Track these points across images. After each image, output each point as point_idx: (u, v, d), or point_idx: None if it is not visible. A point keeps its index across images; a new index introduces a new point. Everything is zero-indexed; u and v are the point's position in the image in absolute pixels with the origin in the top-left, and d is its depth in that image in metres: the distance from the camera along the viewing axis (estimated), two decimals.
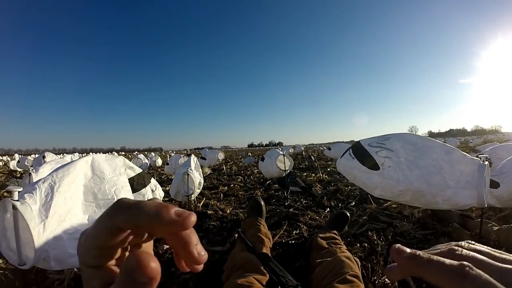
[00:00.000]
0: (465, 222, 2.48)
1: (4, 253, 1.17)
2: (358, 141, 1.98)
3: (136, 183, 1.70)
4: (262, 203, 2.59)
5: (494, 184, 2.32)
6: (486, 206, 1.57)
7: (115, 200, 1.03)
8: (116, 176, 1.58)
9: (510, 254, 0.30)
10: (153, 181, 1.90)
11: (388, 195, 1.79)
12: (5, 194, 5.02)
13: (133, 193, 1.62)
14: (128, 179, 1.65)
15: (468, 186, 1.56)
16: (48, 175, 1.30)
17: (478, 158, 1.62)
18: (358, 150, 1.91)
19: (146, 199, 1.54)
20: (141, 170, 1.81)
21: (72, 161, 1.48)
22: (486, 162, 1.59)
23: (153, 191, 1.85)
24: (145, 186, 1.77)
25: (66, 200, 1.27)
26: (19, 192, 1.13)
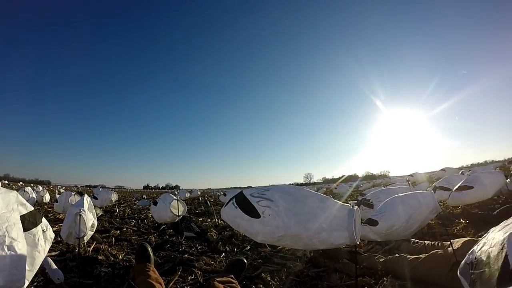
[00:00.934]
0: (352, 257, 2.72)
1: None
2: (241, 192, 2.08)
3: (28, 222, 1.49)
4: (149, 248, 2.54)
5: (373, 222, 2.62)
6: (357, 242, 1.76)
7: (6, 237, 1.19)
8: (9, 212, 1.40)
9: None
10: (44, 220, 1.68)
11: (269, 240, 1.90)
12: None
13: (24, 231, 1.44)
14: (20, 216, 1.45)
15: (340, 228, 1.74)
16: None
17: (349, 204, 1.83)
18: (241, 200, 2.00)
19: (36, 239, 1.28)
20: (32, 208, 1.60)
21: None
22: (356, 207, 1.79)
23: (44, 231, 1.63)
24: (36, 225, 1.56)
25: None
26: None
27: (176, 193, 4.52)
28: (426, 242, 2.74)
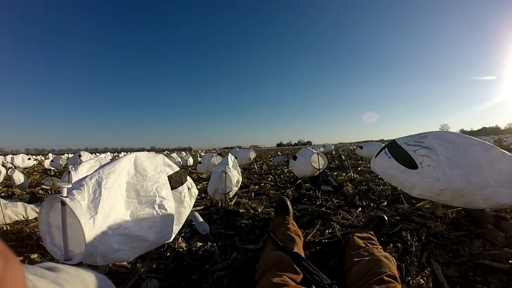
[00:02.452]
0: (499, 223, 2.32)
1: (48, 248, 1.22)
2: (394, 140, 1.94)
3: (174, 181, 1.73)
4: (288, 202, 2.56)
5: None
6: None
7: (157, 196, 1.22)
8: (158, 174, 1.63)
9: None
10: (189, 179, 1.92)
11: (427, 195, 1.75)
12: (40, 191, 5.34)
13: (172, 190, 1.67)
14: (168, 176, 1.69)
15: (508, 184, 1.51)
16: (94, 172, 1.37)
17: None
18: (395, 149, 1.87)
19: (182, 196, 1.58)
20: (178, 168, 1.85)
21: (116, 159, 1.55)
22: None
23: (189, 188, 1.87)
24: (182, 184, 1.80)
25: (111, 196, 1.33)
26: (67, 188, 1.19)
27: (312, 147, 4.54)
28: None
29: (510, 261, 1.74)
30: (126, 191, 1.46)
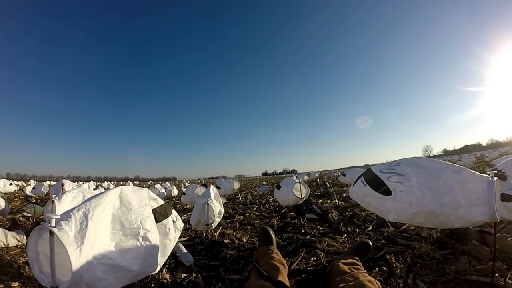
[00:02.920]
0: (483, 238, 2.44)
1: (36, 275, 1.25)
2: (369, 168, 2.03)
3: (159, 214, 1.76)
4: (271, 231, 2.60)
5: (508, 198, 2.24)
6: (498, 220, 1.58)
7: (141, 229, 1.34)
8: (142, 207, 1.67)
9: None
10: (174, 212, 1.95)
11: (402, 219, 1.82)
12: (21, 218, 5.24)
13: (156, 223, 1.70)
14: (152, 210, 1.73)
15: (479, 203, 1.59)
16: (82, 204, 1.41)
17: (487, 175, 1.65)
18: (370, 177, 1.95)
19: (167, 229, 1.62)
20: (163, 202, 1.88)
21: (102, 192, 1.60)
22: (495, 178, 1.61)
23: (174, 221, 1.89)
24: (166, 217, 1.83)
25: (97, 227, 1.37)
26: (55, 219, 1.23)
27: (295, 176, 4.62)
28: None
29: (496, 274, 1.81)
30: (111, 223, 1.49)
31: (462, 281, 1.91)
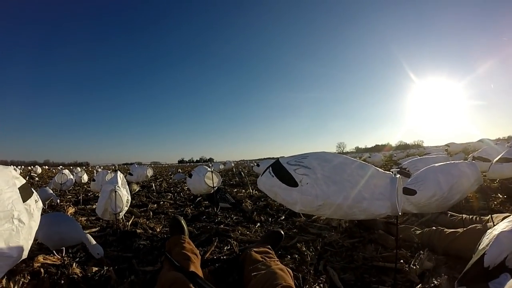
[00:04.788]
0: (389, 228, 2.65)
1: None
2: (278, 160, 2.01)
3: (24, 194, 1.55)
4: (182, 220, 2.58)
5: (411, 192, 2.50)
6: (400, 213, 1.68)
7: (14, 211, 1.34)
8: (11, 187, 1.47)
9: None
10: (34, 192, 1.72)
11: (308, 210, 1.85)
12: None
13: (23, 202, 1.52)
14: (18, 188, 1.52)
15: (382, 197, 1.66)
16: None
17: (391, 172, 1.74)
18: (278, 169, 1.93)
19: (32, 209, 1.34)
20: (24, 181, 1.65)
21: None
22: (398, 175, 1.70)
23: (36, 201, 1.68)
24: (30, 196, 1.62)
25: None
26: None
27: (210, 165, 4.56)
28: (464, 216, 2.61)
29: (401, 261, 1.97)
30: None
31: (370, 267, 2.05)
